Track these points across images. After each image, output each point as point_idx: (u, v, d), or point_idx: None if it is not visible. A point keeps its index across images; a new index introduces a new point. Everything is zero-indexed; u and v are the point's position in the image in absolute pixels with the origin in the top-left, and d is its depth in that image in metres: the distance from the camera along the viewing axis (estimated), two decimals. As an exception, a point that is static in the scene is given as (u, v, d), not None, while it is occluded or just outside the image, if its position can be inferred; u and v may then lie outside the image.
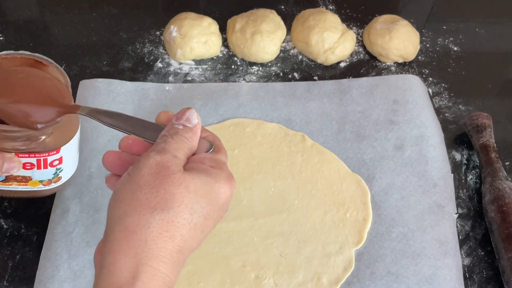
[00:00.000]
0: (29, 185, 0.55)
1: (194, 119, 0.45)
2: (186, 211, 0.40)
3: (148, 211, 0.40)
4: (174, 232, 0.40)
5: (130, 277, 0.38)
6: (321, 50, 0.76)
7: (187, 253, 0.41)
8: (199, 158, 0.44)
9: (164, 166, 0.41)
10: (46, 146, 0.52)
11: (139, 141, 0.47)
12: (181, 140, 0.44)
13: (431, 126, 0.69)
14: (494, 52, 0.82)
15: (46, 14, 0.85)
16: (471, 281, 0.60)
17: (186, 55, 0.76)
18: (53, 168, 0.54)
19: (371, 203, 0.63)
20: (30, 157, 0.51)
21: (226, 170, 0.44)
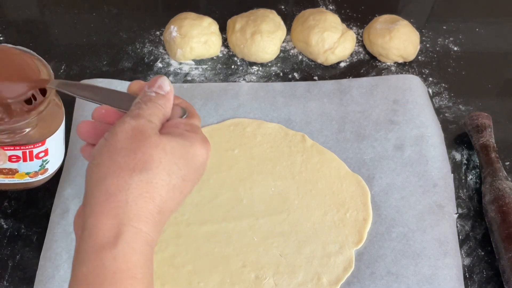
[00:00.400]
0: (15, 178, 0.56)
1: (166, 86, 0.46)
2: (164, 172, 0.41)
3: (127, 173, 0.40)
4: (154, 193, 0.40)
5: (112, 237, 0.39)
6: (321, 50, 0.76)
7: (167, 214, 0.42)
8: (173, 123, 0.45)
9: (140, 130, 0.42)
10: (31, 138, 0.52)
11: (113, 111, 0.47)
12: (155, 106, 0.44)
13: (431, 126, 0.69)
14: (494, 52, 0.82)
15: (46, 14, 0.85)
16: (471, 281, 0.60)
17: (186, 55, 0.76)
18: (39, 160, 0.54)
19: (371, 203, 0.63)
20: (15, 150, 0.52)
21: (200, 134, 0.45)
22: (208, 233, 0.61)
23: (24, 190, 0.64)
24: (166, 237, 0.60)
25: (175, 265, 0.58)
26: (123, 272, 0.38)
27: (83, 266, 0.39)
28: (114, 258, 0.38)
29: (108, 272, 0.38)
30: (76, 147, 0.66)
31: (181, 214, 0.62)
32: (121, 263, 0.38)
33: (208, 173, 0.65)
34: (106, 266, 0.38)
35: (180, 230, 0.61)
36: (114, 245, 0.38)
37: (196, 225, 0.61)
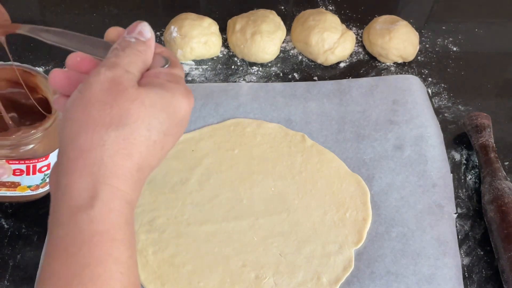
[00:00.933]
0: (17, 191, 0.56)
1: (147, 32, 0.42)
2: (143, 127, 0.38)
3: (103, 128, 0.37)
4: (132, 149, 0.38)
5: (88, 198, 0.36)
6: (321, 50, 0.76)
7: (147, 171, 0.40)
8: (154, 72, 0.42)
9: (116, 82, 0.38)
10: (36, 153, 0.53)
11: (88, 58, 0.43)
12: (134, 53, 0.41)
13: (430, 126, 0.69)
14: (493, 52, 0.83)
15: (47, 14, 0.85)
16: (471, 280, 0.60)
17: (186, 55, 0.76)
18: (41, 174, 0.55)
19: (370, 203, 0.63)
20: (20, 164, 0.52)
21: (183, 85, 0.42)
22: (208, 233, 0.61)
23: (25, 190, 0.64)
24: (166, 237, 0.60)
25: (175, 265, 0.58)
26: (102, 235, 0.36)
27: (59, 229, 0.36)
28: (91, 220, 0.36)
29: (85, 235, 0.36)
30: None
31: (181, 214, 0.62)
32: (98, 225, 0.36)
33: (208, 173, 0.65)
34: (83, 229, 0.36)
35: (180, 230, 0.61)
36: (90, 206, 0.36)
37: (196, 225, 0.61)
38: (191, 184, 0.64)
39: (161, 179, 0.65)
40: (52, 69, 0.53)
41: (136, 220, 0.61)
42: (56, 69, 0.43)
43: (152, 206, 0.62)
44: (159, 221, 0.61)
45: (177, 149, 0.67)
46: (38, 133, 0.51)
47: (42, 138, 0.52)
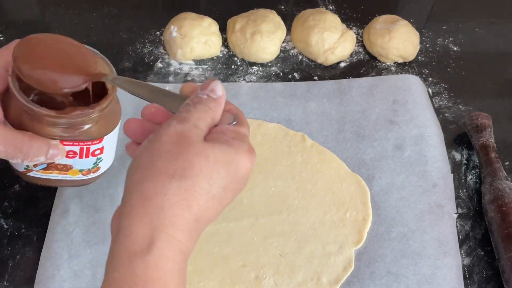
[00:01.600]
0: (68, 174, 0.55)
1: (219, 90, 0.44)
2: (204, 180, 0.40)
3: (166, 178, 0.39)
4: (192, 201, 0.39)
5: (146, 244, 0.37)
6: (321, 50, 0.76)
7: (204, 223, 0.41)
8: (221, 129, 0.43)
9: (185, 136, 0.40)
10: (90, 135, 0.51)
11: (162, 110, 0.46)
12: (204, 109, 0.43)
13: (431, 126, 0.69)
14: (494, 52, 0.82)
15: (47, 14, 0.85)
16: (471, 281, 0.60)
17: (186, 55, 0.76)
18: (94, 158, 0.54)
19: (371, 203, 0.63)
20: (73, 145, 0.51)
21: (247, 143, 0.43)
22: (208, 233, 0.61)
23: (25, 190, 0.64)
24: (166, 237, 0.60)
25: (175, 265, 0.58)
26: (154, 281, 0.37)
27: (115, 272, 0.38)
28: (146, 266, 0.37)
29: (139, 280, 0.37)
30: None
31: (181, 214, 0.62)
32: (152, 272, 0.37)
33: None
34: (137, 274, 0.37)
35: (180, 230, 0.61)
36: (146, 253, 0.37)
37: (196, 225, 0.61)
38: (191, 184, 0.64)
39: (161, 179, 0.64)
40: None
41: (136, 220, 0.61)
42: (131, 118, 0.47)
43: (152, 206, 0.62)
44: (159, 221, 0.61)
45: (177, 149, 0.67)
46: (95, 113, 0.49)
47: (98, 118, 0.51)
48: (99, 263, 0.58)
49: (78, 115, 0.49)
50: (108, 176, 0.63)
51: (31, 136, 0.48)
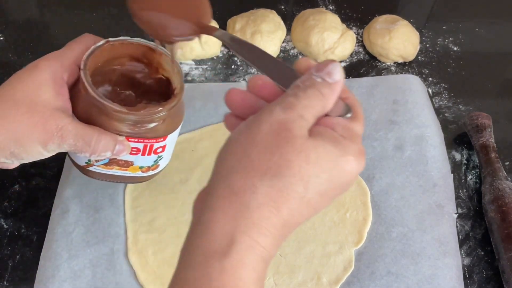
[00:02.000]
0: (128, 171, 0.54)
1: (337, 74, 0.38)
2: (300, 183, 0.35)
3: (258, 174, 0.35)
4: (282, 204, 0.35)
5: (225, 244, 0.34)
6: (321, 50, 0.76)
7: (293, 227, 0.36)
8: (331, 122, 0.37)
9: (287, 127, 0.36)
10: (156, 133, 0.51)
11: (270, 84, 0.40)
12: (315, 95, 0.37)
13: (431, 126, 0.69)
14: (494, 52, 0.82)
15: (46, 14, 0.85)
16: (471, 281, 0.60)
17: (186, 55, 0.76)
18: (155, 156, 0.53)
19: (371, 203, 0.63)
20: (138, 142, 0.51)
21: (358, 144, 0.37)
22: (208, 233, 0.61)
23: (25, 190, 0.64)
24: (166, 237, 0.60)
25: (175, 265, 0.58)
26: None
27: (188, 270, 0.35)
28: (222, 270, 0.34)
29: (212, 285, 0.33)
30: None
31: (181, 214, 0.62)
32: (228, 278, 0.34)
33: (208, 173, 0.65)
34: (212, 278, 0.34)
35: (180, 230, 0.61)
36: (224, 255, 0.34)
37: (196, 225, 0.61)
38: (191, 184, 0.64)
39: (161, 179, 0.64)
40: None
41: (136, 220, 0.61)
42: (234, 88, 0.41)
43: (152, 206, 0.62)
44: (159, 221, 0.61)
45: (177, 149, 0.67)
46: (164, 111, 0.49)
47: (165, 117, 0.50)
48: (99, 263, 0.58)
49: (149, 113, 0.48)
50: (108, 176, 0.64)
51: (100, 131, 0.48)
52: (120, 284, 0.57)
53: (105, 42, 0.51)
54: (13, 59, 0.78)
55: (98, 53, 0.50)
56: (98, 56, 0.51)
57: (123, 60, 0.54)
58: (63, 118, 0.47)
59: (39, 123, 0.46)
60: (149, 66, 0.54)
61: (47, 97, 0.47)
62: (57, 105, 0.47)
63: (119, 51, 0.52)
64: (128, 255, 0.59)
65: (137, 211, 0.62)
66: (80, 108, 0.49)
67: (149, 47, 0.53)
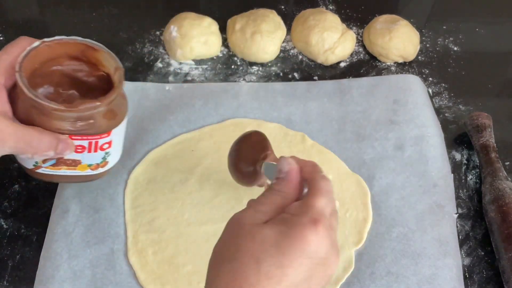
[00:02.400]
0: (77, 169, 0.55)
1: (284, 167, 0.45)
2: (252, 260, 0.39)
3: (220, 262, 0.41)
4: (242, 282, 0.38)
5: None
6: (321, 50, 0.76)
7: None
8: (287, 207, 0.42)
9: (239, 222, 0.42)
10: (99, 128, 0.52)
11: None
12: (271, 193, 0.44)
13: (431, 126, 0.69)
14: (494, 52, 0.82)
15: (46, 14, 0.85)
16: (471, 281, 0.60)
17: (186, 55, 0.76)
18: (102, 152, 0.54)
19: (371, 203, 0.63)
20: (82, 139, 0.51)
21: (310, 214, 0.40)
22: (208, 233, 0.61)
23: (25, 190, 0.64)
24: (166, 237, 0.60)
25: (175, 265, 0.58)
26: None
27: None
28: None
29: None
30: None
31: (181, 214, 0.62)
32: None
33: (208, 173, 0.65)
34: None
35: (180, 230, 0.61)
36: None
37: (196, 225, 0.61)
38: (191, 184, 0.64)
39: (161, 179, 0.64)
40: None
41: (136, 220, 0.61)
42: None
43: (152, 206, 0.62)
44: (159, 221, 0.61)
45: (177, 149, 0.67)
46: (103, 105, 0.50)
47: (105, 111, 0.51)
48: (99, 263, 0.58)
49: (87, 108, 0.49)
50: (108, 176, 0.63)
51: (40, 131, 0.49)
52: (120, 284, 0.57)
53: (40, 43, 0.52)
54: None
55: (34, 54, 0.51)
56: (34, 57, 0.51)
57: (62, 60, 0.54)
58: (1, 121, 0.47)
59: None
60: (89, 64, 0.55)
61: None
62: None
63: (57, 51, 0.53)
64: (128, 255, 0.59)
65: (137, 211, 0.62)
66: (20, 110, 0.49)
67: (86, 44, 0.54)
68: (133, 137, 0.67)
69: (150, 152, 0.66)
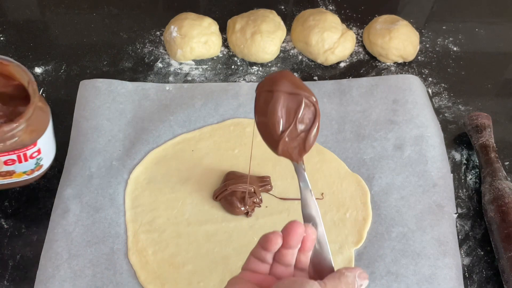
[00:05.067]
0: (14, 177, 0.57)
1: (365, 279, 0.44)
2: None
3: None
4: None
5: None
6: (321, 50, 0.76)
7: None
8: None
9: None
10: (23, 142, 0.53)
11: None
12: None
13: (430, 126, 0.69)
14: (493, 52, 0.82)
15: (46, 14, 0.85)
16: (471, 280, 0.60)
17: (186, 55, 0.76)
18: (34, 159, 0.56)
19: (371, 203, 0.63)
20: (10, 154, 0.53)
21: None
22: (208, 233, 0.61)
23: (25, 190, 0.64)
24: (166, 237, 0.60)
25: (175, 265, 0.58)
26: None
27: None
28: None
29: None
30: (76, 147, 0.66)
31: (181, 214, 0.62)
32: None
33: (208, 173, 0.65)
34: None
35: (180, 230, 0.61)
36: None
37: (196, 225, 0.61)
38: (191, 184, 0.64)
39: (161, 179, 0.65)
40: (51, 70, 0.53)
41: (136, 220, 0.61)
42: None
43: (152, 206, 0.62)
44: (159, 221, 0.61)
45: (177, 149, 0.67)
46: (21, 125, 0.51)
47: (26, 127, 0.53)
48: (99, 263, 0.58)
49: (5, 132, 0.50)
50: (108, 176, 0.64)
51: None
52: (120, 284, 0.57)
53: None
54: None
55: None
56: None
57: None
58: None
59: None
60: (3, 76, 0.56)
61: None
62: None
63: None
64: (128, 255, 0.59)
65: (137, 211, 0.62)
66: None
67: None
68: (133, 137, 0.67)
69: (151, 152, 0.66)
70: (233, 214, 0.62)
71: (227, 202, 0.61)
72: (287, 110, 0.50)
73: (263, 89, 0.51)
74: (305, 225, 0.45)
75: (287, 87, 0.50)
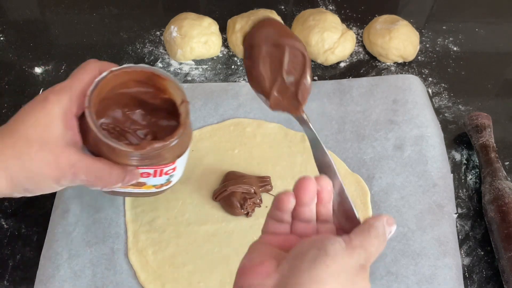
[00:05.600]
0: (143, 189, 0.56)
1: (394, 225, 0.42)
2: None
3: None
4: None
5: None
6: (321, 50, 0.76)
7: None
8: None
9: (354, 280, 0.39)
10: (165, 161, 0.52)
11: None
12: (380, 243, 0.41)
13: (430, 126, 0.69)
14: (493, 52, 0.82)
15: (47, 14, 0.85)
16: (471, 280, 0.60)
17: (186, 55, 0.76)
18: (167, 176, 0.54)
19: (371, 203, 0.63)
20: (148, 168, 0.52)
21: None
22: (208, 233, 0.61)
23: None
24: (166, 237, 0.60)
25: (175, 265, 0.58)
26: None
27: None
28: None
29: None
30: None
31: (181, 214, 0.62)
32: None
33: (208, 173, 0.65)
34: None
35: (180, 230, 0.61)
36: None
37: (196, 225, 0.61)
38: (191, 184, 0.64)
39: (161, 179, 0.65)
40: (51, 70, 0.53)
41: (136, 220, 0.61)
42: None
43: (152, 206, 0.62)
44: (159, 221, 0.61)
45: (177, 149, 0.67)
46: (171, 144, 0.50)
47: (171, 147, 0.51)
48: (99, 263, 0.58)
49: (154, 149, 0.49)
50: (108, 176, 0.64)
51: (110, 165, 0.48)
52: (120, 284, 0.57)
53: (108, 73, 0.51)
54: (13, 59, 0.78)
55: (102, 84, 0.50)
56: (102, 88, 0.51)
57: (129, 84, 0.54)
58: (74, 153, 0.47)
59: (51, 161, 0.46)
60: (154, 88, 0.54)
61: (57, 133, 0.46)
62: (67, 139, 0.47)
63: (124, 77, 0.52)
64: (128, 255, 0.59)
65: (137, 211, 0.62)
66: (90, 141, 0.49)
67: (152, 72, 0.53)
68: (133, 137, 0.67)
69: (150, 152, 0.66)
70: (233, 215, 0.62)
71: (226, 203, 0.61)
72: (270, 64, 0.47)
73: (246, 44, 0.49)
74: (317, 178, 0.42)
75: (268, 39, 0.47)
